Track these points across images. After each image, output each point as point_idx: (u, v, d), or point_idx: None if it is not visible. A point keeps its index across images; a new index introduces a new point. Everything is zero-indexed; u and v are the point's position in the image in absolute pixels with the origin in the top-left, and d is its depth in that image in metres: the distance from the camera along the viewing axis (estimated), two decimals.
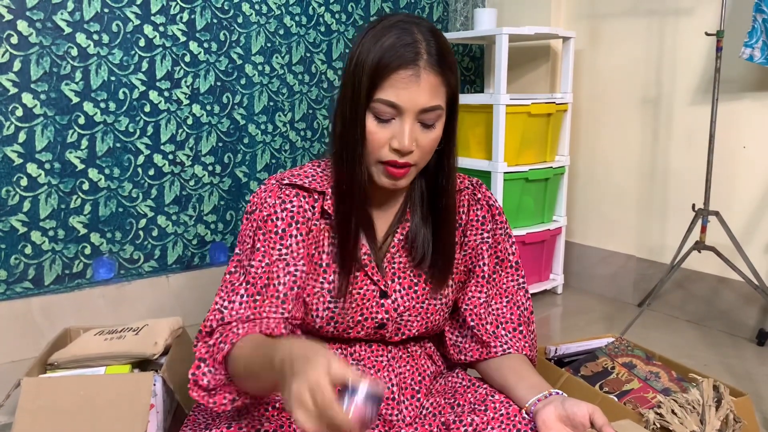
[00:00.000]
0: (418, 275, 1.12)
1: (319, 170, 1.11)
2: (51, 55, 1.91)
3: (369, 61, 0.97)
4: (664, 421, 1.13)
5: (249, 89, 2.30)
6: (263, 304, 0.99)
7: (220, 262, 2.32)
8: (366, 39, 1.00)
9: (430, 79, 0.98)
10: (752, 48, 1.92)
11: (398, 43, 0.97)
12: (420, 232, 1.12)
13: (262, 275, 1.01)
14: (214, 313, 1.00)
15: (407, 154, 1.00)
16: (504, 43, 2.30)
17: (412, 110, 0.98)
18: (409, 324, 1.12)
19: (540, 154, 2.49)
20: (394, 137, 0.99)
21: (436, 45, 0.99)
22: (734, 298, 2.19)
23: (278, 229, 1.04)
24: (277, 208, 1.04)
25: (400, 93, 0.97)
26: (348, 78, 1.01)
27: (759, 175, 2.11)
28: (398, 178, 1.03)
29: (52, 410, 1.24)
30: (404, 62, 0.96)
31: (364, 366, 1.11)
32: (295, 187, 1.07)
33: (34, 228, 1.94)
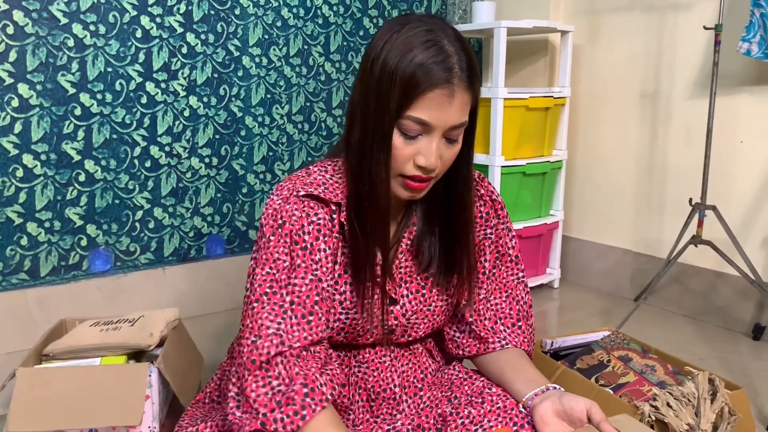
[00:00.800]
0: (425, 278, 1.11)
1: (328, 176, 1.05)
2: (47, 46, 1.90)
3: (400, 75, 0.92)
4: (660, 413, 1.13)
5: (246, 81, 2.30)
6: (318, 323, 0.95)
7: (216, 254, 2.32)
8: (392, 44, 0.95)
9: (462, 96, 0.95)
10: (750, 42, 1.92)
11: (432, 59, 0.92)
12: (426, 238, 1.10)
13: (309, 293, 0.96)
14: (270, 338, 0.91)
15: (431, 171, 0.98)
16: (502, 36, 2.29)
17: (441, 128, 0.95)
18: (416, 326, 1.11)
19: (538, 148, 2.49)
20: (420, 154, 0.96)
21: (467, 59, 0.96)
22: (730, 293, 2.19)
23: (307, 244, 0.99)
24: (304, 222, 0.99)
25: (433, 112, 0.94)
26: (372, 87, 0.96)
27: (756, 170, 2.11)
28: (418, 191, 1.01)
29: (48, 401, 1.23)
30: (439, 82, 0.92)
31: (367, 368, 1.11)
32: (312, 197, 1.02)
33: (30, 219, 1.93)
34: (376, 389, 1.10)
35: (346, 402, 1.09)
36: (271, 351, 0.90)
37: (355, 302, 1.04)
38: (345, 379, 1.10)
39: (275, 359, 0.90)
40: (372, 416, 1.09)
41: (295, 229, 0.98)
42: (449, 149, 0.99)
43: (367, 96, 0.97)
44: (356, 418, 1.09)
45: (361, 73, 1.00)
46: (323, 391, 0.89)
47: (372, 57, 0.97)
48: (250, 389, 0.88)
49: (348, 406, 1.09)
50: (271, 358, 0.89)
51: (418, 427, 1.04)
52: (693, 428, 1.11)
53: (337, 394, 0.92)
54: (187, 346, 1.58)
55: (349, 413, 1.09)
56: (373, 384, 1.10)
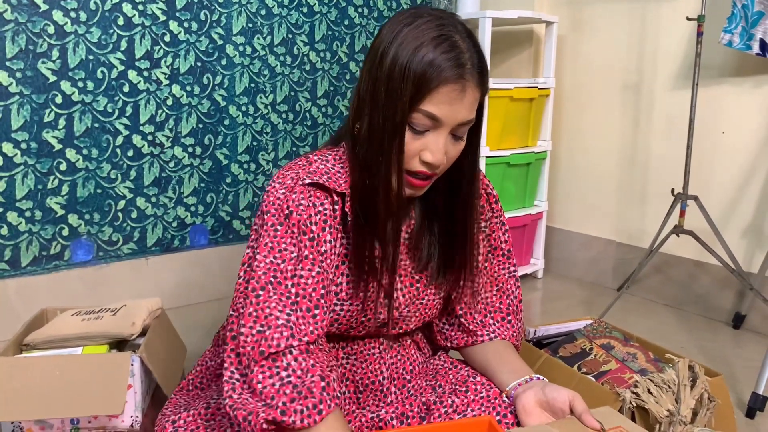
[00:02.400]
0: (418, 273, 1.10)
1: (330, 165, 1.03)
2: (27, 33, 1.87)
3: (412, 70, 0.92)
4: (641, 400, 1.15)
5: (230, 70, 2.28)
6: (324, 317, 0.94)
7: (200, 244, 2.30)
8: (403, 39, 0.94)
9: (473, 93, 0.95)
10: (731, 33, 1.93)
11: (444, 54, 0.92)
12: (425, 234, 1.09)
13: (316, 286, 0.94)
14: (279, 330, 0.88)
15: (437, 167, 0.98)
16: (487, 26, 2.29)
17: (450, 124, 0.95)
18: (408, 319, 1.11)
19: (522, 139, 2.50)
20: (427, 149, 0.96)
21: (477, 55, 0.95)
22: (711, 282, 2.21)
23: (314, 234, 0.97)
24: (311, 212, 0.97)
25: (443, 107, 0.93)
26: (383, 80, 0.94)
27: (737, 161, 2.13)
28: (420, 188, 1.00)
29: (28, 390, 1.22)
30: (452, 77, 0.92)
31: (355, 360, 1.11)
32: (317, 186, 1.00)
33: (11, 209, 1.91)
34: (365, 381, 1.10)
35: None
36: (281, 343, 0.87)
37: (351, 294, 1.03)
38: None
39: (285, 351, 0.87)
40: (358, 408, 1.10)
41: (302, 218, 0.96)
42: (454, 146, 0.99)
43: (377, 89, 0.95)
44: (342, 408, 1.09)
45: (369, 64, 0.98)
46: (335, 388, 0.87)
47: (382, 50, 0.95)
48: (256, 380, 0.85)
49: None
50: (281, 350, 0.87)
51: (402, 415, 1.04)
52: (673, 414, 1.12)
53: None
54: (170, 336, 1.57)
55: None
56: (361, 376, 1.10)
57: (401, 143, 0.94)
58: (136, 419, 1.30)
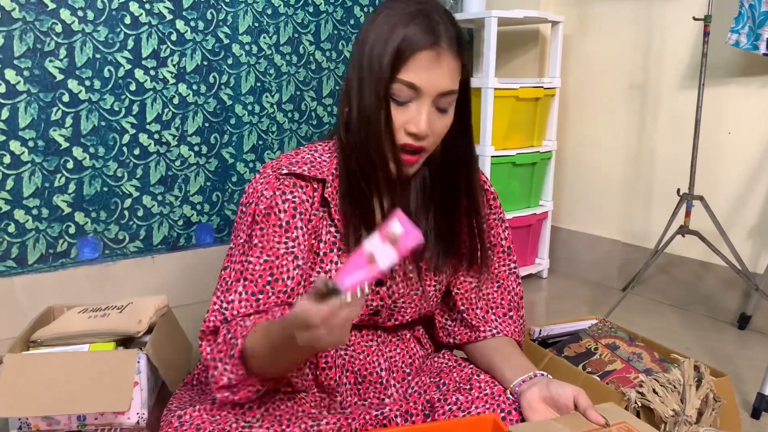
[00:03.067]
0: (413, 262, 1.11)
1: (317, 155, 1.07)
2: (35, 31, 1.88)
3: (390, 43, 0.95)
4: (646, 400, 1.15)
5: (236, 69, 2.29)
6: (267, 301, 0.97)
7: (205, 243, 2.31)
8: (381, 21, 0.98)
9: (450, 61, 0.97)
10: (738, 34, 1.93)
11: (419, 25, 0.96)
12: (420, 222, 1.09)
13: (263, 273, 0.98)
14: (214, 314, 0.98)
15: (422, 138, 0.99)
16: (493, 26, 2.29)
17: (431, 93, 0.97)
18: (403, 310, 1.12)
19: (527, 138, 2.50)
20: (410, 121, 0.98)
21: (454, 29, 0.99)
22: (717, 283, 2.21)
23: (282, 222, 1.01)
24: (277, 200, 1.01)
25: (422, 74, 0.96)
26: (365, 62, 0.98)
27: (743, 161, 2.12)
28: (410, 164, 1.02)
29: (35, 387, 1.23)
30: (427, 43, 0.95)
31: (353, 351, 1.11)
32: (293, 176, 1.04)
33: (18, 206, 1.92)
34: (363, 372, 1.10)
35: (333, 384, 1.10)
36: (217, 324, 0.97)
37: None
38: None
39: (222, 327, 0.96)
40: (360, 399, 1.10)
41: (258, 209, 1.01)
42: (440, 119, 1.00)
43: (360, 70, 0.99)
44: (344, 400, 1.10)
45: (354, 50, 1.03)
46: (246, 325, 0.93)
47: (363, 36, 1.00)
48: (204, 354, 0.97)
49: (335, 388, 1.10)
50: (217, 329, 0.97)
51: (406, 413, 1.04)
52: (678, 414, 1.12)
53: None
54: (176, 333, 1.58)
55: (336, 395, 1.10)
56: (359, 367, 1.10)
57: (388, 115, 0.98)
58: (142, 416, 1.31)
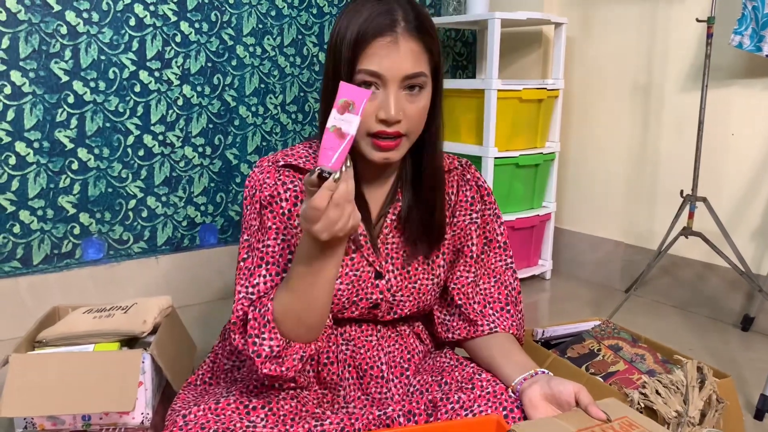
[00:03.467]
0: (411, 255, 1.12)
1: (311, 151, 1.10)
2: (40, 33, 1.89)
3: (348, 35, 0.97)
4: (649, 401, 1.15)
5: (240, 71, 2.29)
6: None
7: (209, 243, 2.32)
8: (343, 16, 1.01)
9: (409, 45, 0.98)
10: (741, 35, 1.93)
11: (374, 12, 0.97)
12: (411, 213, 1.11)
13: (282, 252, 1.00)
14: (241, 302, 0.99)
15: (395, 124, 0.99)
16: (496, 28, 2.30)
17: (395, 78, 0.97)
18: (402, 304, 1.12)
19: (530, 139, 2.50)
20: (380, 108, 0.98)
21: (413, 11, 0.99)
22: (720, 284, 2.21)
23: (284, 210, 1.03)
24: (279, 189, 1.04)
25: (382, 61, 0.96)
26: (329, 55, 1.02)
27: (747, 162, 2.12)
28: (389, 150, 1.01)
29: (40, 387, 1.24)
30: (381, 29, 0.96)
31: (354, 345, 1.12)
32: (290, 167, 1.07)
33: (23, 207, 1.93)
34: (364, 366, 1.11)
35: (336, 379, 1.10)
36: (245, 311, 0.97)
37: (340, 273, 1.06)
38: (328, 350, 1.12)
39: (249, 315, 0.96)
40: (363, 393, 1.11)
41: (264, 195, 1.04)
42: (412, 103, 1.00)
43: (328, 67, 1.02)
44: (347, 395, 1.10)
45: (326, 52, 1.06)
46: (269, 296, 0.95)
47: (331, 34, 1.03)
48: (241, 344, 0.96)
49: (338, 383, 1.11)
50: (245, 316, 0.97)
51: (408, 412, 1.05)
52: (681, 415, 1.13)
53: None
54: (181, 334, 1.59)
55: (340, 389, 1.11)
56: (360, 361, 1.11)
57: None
58: (146, 416, 1.31)
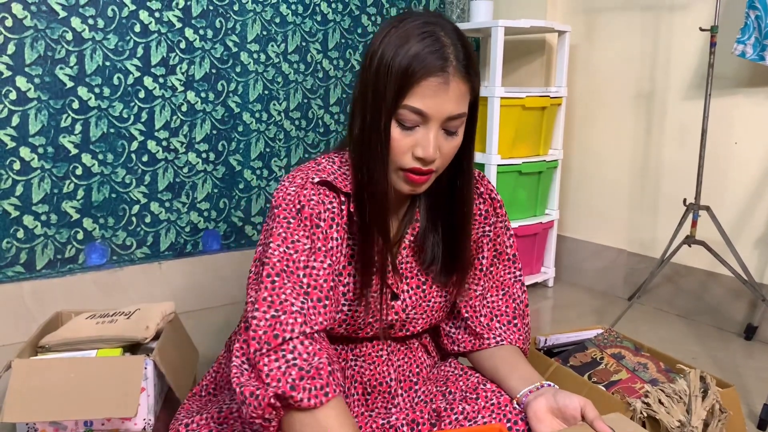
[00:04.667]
0: (425, 275, 1.11)
1: (336, 167, 1.06)
2: (45, 39, 1.90)
3: (396, 66, 0.93)
4: (651, 410, 1.14)
5: (244, 77, 2.30)
6: (332, 309, 0.95)
7: (212, 249, 2.32)
8: (389, 39, 0.96)
9: (458, 86, 0.95)
10: (744, 44, 1.93)
11: (427, 49, 0.93)
12: (429, 236, 1.10)
13: (327, 277, 0.95)
14: (294, 316, 0.88)
15: (430, 162, 0.98)
16: (500, 35, 2.30)
17: (438, 118, 0.95)
18: (415, 321, 1.12)
19: (533, 147, 2.50)
20: (418, 145, 0.96)
21: (463, 50, 0.96)
22: (723, 293, 2.20)
23: (323, 230, 0.99)
24: (321, 208, 0.99)
25: (428, 101, 0.94)
26: (370, 80, 0.96)
27: (750, 171, 2.12)
28: (419, 184, 1.00)
29: (43, 392, 1.24)
30: (434, 70, 0.93)
31: (363, 361, 1.12)
32: (326, 185, 1.02)
33: (27, 212, 1.93)
34: (372, 383, 1.11)
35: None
36: (296, 329, 0.87)
37: (358, 294, 1.04)
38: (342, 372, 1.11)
39: (294, 338, 0.87)
40: (367, 410, 1.10)
41: (315, 212, 0.98)
42: (448, 142, 0.99)
43: (365, 90, 0.97)
44: (350, 411, 1.10)
45: (361, 69, 1.01)
46: (338, 377, 0.88)
47: (371, 52, 0.98)
48: (263, 363, 0.84)
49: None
50: (295, 337, 0.86)
51: (412, 422, 1.05)
52: (684, 425, 1.12)
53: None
54: (183, 340, 1.59)
55: None
56: (369, 377, 1.11)
57: (387, 140, 0.96)
58: (148, 422, 1.31)
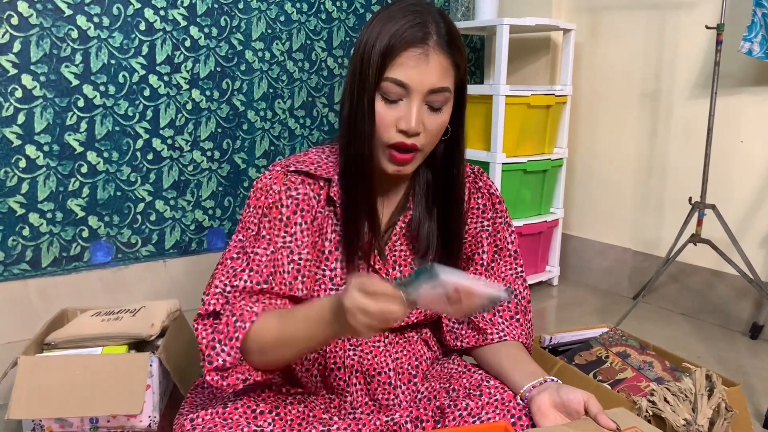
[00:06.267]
0: (419, 259, 1.12)
1: (324, 156, 1.10)
2: (51, 37, 1.91)
3: (378, 42, 0.97)
4: (657, 408, 1.14)
5: (249, 75, 2.30)
6: (270, 291, 1.00)
7: (217, 248, 2.32)
8: (375, 22, 1.00)
9: (439, 59, 0.98)
10: (751, 42, 1.93)
11: (408, 22, 0.97)
12: (424, 224, 1.11)
13: (267, 263, 1.00)
14: (216, 297, 0.99)
15: (414, 136, 0.99)
16: (505, 33, 2.30)
17: (420, 90, 0.98)
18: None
19: (538, 145, 2.50)
20: (401, 118, 0.99)
21: (445, 26, 0.99)
22: (728, 292, 2.20)
23: (283, 216, 1.03)
24: (282, 195, 1.04)
25: (410, 72, 0.97)
26: (356, 59, 1.01)
27: (756, 170, 2.11)
28: (404, 163, 1.02)
29: (49, 389, 1.24)
30: (414, 41, 0.96)
31: (362, 351, 1.12)
32: (301, 173, 1.06)
33: (32, 210, 1.94)
34: (371, 372, 1.11)
35: (342, 384, 1.10)
36: (217, 307, 0.98)
37: (345, 280, 1.06)
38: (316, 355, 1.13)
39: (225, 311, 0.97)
40: (370, 399, 1.11)
41: (268, 202, 1.04)
42: (432, 117, 1.01)
43: (353, 72, 1.02)
44: (354, 400, 1.10)
45: (350, 59, 1.06)
46: (254, 311, 0.95)
47: (358, 41, 1.02)
48: (200, 337, 0.97)
49: (345, 389, 1.10)
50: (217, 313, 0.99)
51: (416, 419, 1.05)
52: (690, 423, 1.12)
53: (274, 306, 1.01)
54: (188, 337, 1.59)
55: (347, 395, 1.10)
56: (368, 367, 1.11)
57: (372, 113, 0.99)
58: (154, 419, 1.32)
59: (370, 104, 0.99)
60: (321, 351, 1.13)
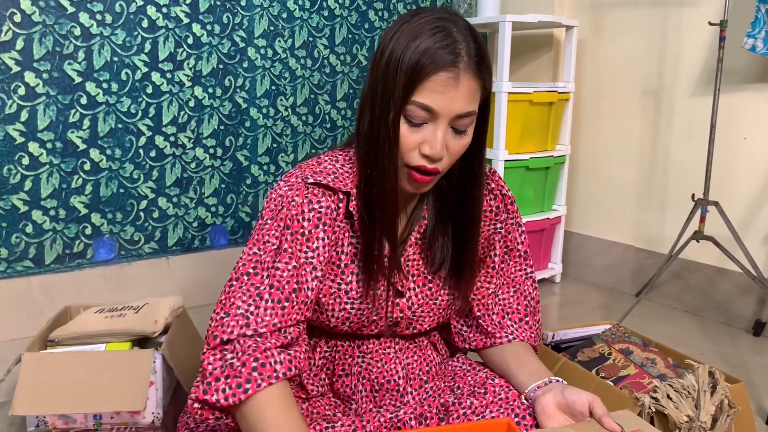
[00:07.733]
0: (432, 272, 1.10)
1: (338, 165, 1.05)
2: (54, 34, 1.91)
3: (405, 61, 0.91)
4: (660, 405, 1.14)
5: (251, 73, 2.30)
6: (291, 311, 0.94)
7: (220, 245, 2.33)
8: (401, 34, 0.94)
9: (469, 83, 0.93)
10: (755, 38, 1.92)
11: (438, 44, 0.91)
12: (438, 237, 1.09)
13: (290, 279, 0.95)
14: (236, 318, 0.91)
15: (437, 161, 0.96)
16: (507, 30, 2.29)
17: (447, 116, 0.93)
18: (421, 320, 1.11)
19: (541, 142, 2.49)
20: (425, 142, 0.95)
21: (476, 47, 0.94)
22: (731, 289, 2.19)
23: (305, 230, 0.98)
24: (304, 208, 0.98)
25: (437, 97, 0.92)
26: (380, 75, 0.95)
27: (759, 166, 2.11)
28: (423, 184, 0.99)
29: (52, 385, 1.25)
30: (444, 65, 0.91)
31: (371, 359, 1.12)
32: (320, 186, 1.01)
33: (36, 207, 1.94)
34: (380, 380, 1.10)
35: (348, 391, 1.10)
36: (235, 331, 0.90)
37: (361, 293, 1.04)
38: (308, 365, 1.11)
39: (237, 339, 0.89)
40: (375, 406, 1.10)
41: (291, 214, 0.98)
42: (457, 141, 0.97)
43: (375, 85, 0.96)
44: (359, 407, 1.10)
45: (371, 65, 0.99)
46: (275, 369, 0.88)
47: (381, 48, 0.96)
48: (207, 362, 0.88)
49: (350, 396, 1.10)
50: (234, 338, 0.89)
51: (420, 416, 1.05)
52: (692, 420, 1.12)
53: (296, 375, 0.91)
54: (191, 334, 1.59)
55: (352, 402, 1.10)
56: (376, 375, 1.10)
57: (396, 136, 0.94)
58: (157, 416, 1.32)
59: (394, 126, 0.94)
60: (330, 357, 1.13)
